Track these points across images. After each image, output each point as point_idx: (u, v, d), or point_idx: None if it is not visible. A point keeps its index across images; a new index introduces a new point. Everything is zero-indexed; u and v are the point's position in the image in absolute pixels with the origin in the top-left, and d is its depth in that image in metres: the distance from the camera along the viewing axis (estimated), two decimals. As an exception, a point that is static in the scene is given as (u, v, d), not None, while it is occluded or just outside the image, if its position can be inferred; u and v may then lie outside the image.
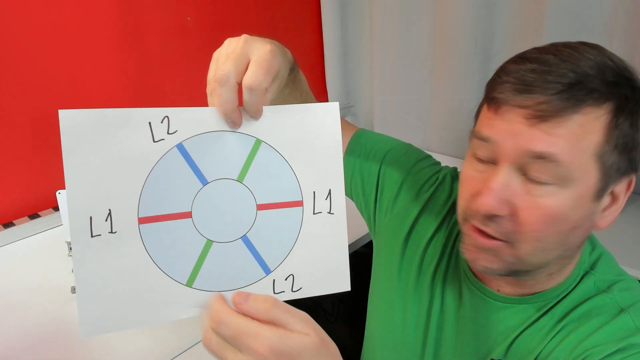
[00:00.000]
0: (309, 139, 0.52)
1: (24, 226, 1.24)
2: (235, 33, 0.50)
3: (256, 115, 0.49)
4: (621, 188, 0.56)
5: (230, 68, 0.46)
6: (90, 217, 0.46)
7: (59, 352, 0.87)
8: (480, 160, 0.56)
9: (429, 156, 0.80)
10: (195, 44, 1.47)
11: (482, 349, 0.64)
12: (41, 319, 0.95)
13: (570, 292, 0.61)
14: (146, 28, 1.38)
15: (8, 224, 1.24)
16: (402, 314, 0.73)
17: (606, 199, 0.56)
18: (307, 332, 0.42)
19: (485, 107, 0.57)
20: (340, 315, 1.47)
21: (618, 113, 0.52)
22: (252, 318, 0.42)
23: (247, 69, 0.47)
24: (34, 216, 1.28)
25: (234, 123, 0.48)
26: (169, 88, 1.46)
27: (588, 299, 0.60)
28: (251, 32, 0.51)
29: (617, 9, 1.24)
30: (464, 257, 0.60)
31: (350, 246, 1.25)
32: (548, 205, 0.52)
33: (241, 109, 0.49)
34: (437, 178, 0.76)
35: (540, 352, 0.59)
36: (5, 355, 0.87)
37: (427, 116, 1.71)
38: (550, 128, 0.50)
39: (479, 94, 1.84)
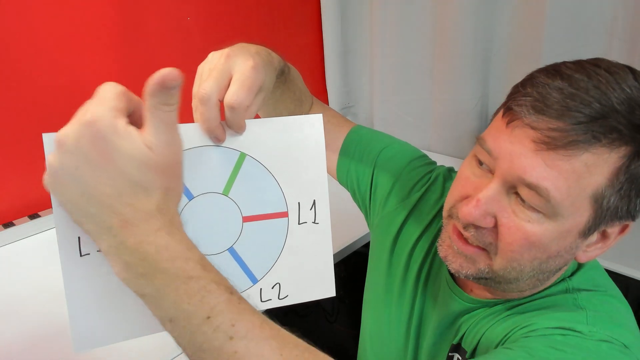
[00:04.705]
0: (293, 151, 0.52)
1: (24, 226, 1.24)
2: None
3: (239, 130, 0.49)
4: (614, 230, 0.54)
5: (211, 86, 0.46)
6: (79, 237, 0.46)
7: (58, 352, 0.87)
8: (480, 164, 0.55)
9: (424, 155, 0.80)
10: (195, 44, 1.47)
11: (448, 338, 0.66)
12: (41, 319, 0.95)
13: (539, 292, 0.60)
14: (146, 28, 1.38)
15: (8, 224, 1.24)
16: (389, 309, 0.74)
17: (595, 236, 0.54)
18: (151, 145, 0.38)
19: (501, 112, 0.54)
20: (340, 315, 1.47)
21: (634, 159, 0.48)
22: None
23: (229, 85, 0.47)
24: (34, 216, 1.28)
25: (217, 139, 0.49)
26: (169, 88, 1.46)
27: (552, 296, 0.59)
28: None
29: (617, 9, 1.24)
30: (439, 253, 0.60)
31: (350, 246, 1.25)
32: (529, 230, 0.51)
33: (224, 124, 0.49)
34: (430, 178, 0.76)
35: (486, 331, 0.59)
36: (5, 355, 0.88)
37: (427, 116, 1.71)
38: (553, 159, 0.48)
39: (479, 94, 1.85)
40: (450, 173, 0.77)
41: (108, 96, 0.39)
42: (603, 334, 0.52)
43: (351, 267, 1.25)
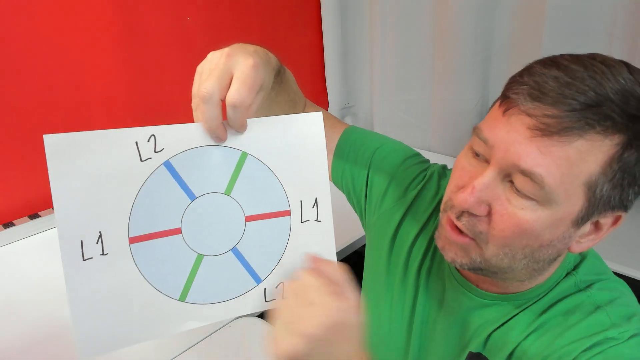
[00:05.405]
0: (294, 149, 0.52)
1: (24, 226, 1.25)
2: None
3: (241, 129, 0.50)
4: (607, 221, 0.54)
5: (213, 85, 0.46)
6: (81, 241, 0.46)
7: (58, 351, 0.87)
8: (476, 155, 0.56)
9: (418, 154, 0.81)
10: (195, 44, 1.47)
11: (462, 342, 0.66)
12: (41, 318, 0.95)
13: (550, 291, 0.61)
14: (146, 28, 1.38)
15: (8, 224, 1.25)
16: (389, 308, 0.74)
17: (587, 227, 0.54)
18: (356, 303, 0.49)
19: (498, 103, 0.54)
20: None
21: (627, 148, 0.49)
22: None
23: (230, 84, 0.47)
24: (34, 216, 1.28)
25: (219, 138, 0.49)
26: (169, 88, 1.46)
27: (566, 297, 0.60)
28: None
29: (617, 9, 1.24)
30: (436, 244, 0.61)
31: (349, 246, 1.25)
32: (522, 218, 0.52)
33: (226, 123, 0.49)
34: (425, 176, 0.76)
35: (517, 346, 0.59)
36: (5, 355, 0.88)
37: (427, 116, 1.71)
38: (547, 145, 0.48)
39: (479, 94, 1.85)
40: (444, 170, 0.77)
41: (316, 284, 0.49)
42: (629, 328, 0.54)
43: (351, 267, 1.25)
